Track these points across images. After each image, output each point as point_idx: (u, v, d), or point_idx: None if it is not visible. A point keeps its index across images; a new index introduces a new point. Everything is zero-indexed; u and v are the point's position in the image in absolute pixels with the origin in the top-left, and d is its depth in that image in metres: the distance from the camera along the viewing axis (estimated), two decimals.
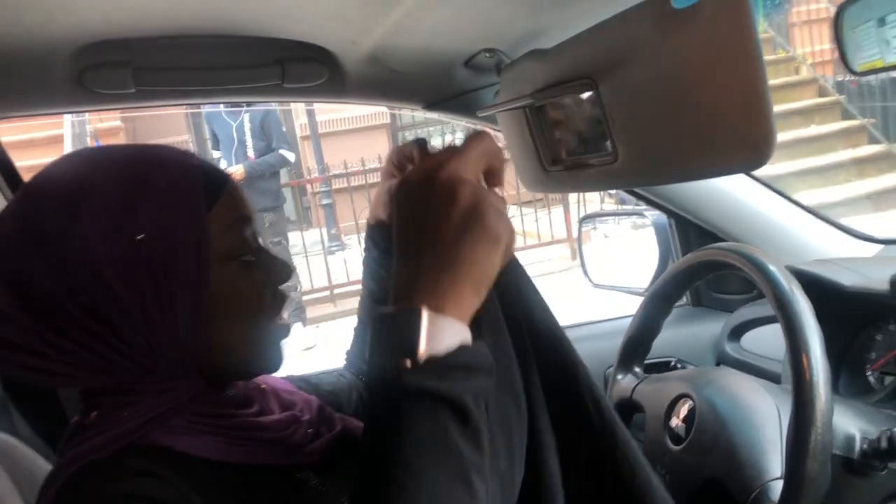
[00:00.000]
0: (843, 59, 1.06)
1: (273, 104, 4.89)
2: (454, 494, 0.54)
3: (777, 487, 0.88)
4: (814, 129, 7.79)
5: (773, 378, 1.24)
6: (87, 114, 6.99)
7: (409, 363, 0.55)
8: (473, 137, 0.64)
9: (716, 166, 0.83)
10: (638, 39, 0.83)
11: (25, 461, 0.97)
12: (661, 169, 0.90)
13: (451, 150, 0.62)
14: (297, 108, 9.13)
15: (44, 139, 6.70)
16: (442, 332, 0.57)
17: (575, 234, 6.96)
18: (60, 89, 1.04)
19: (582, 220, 1.81)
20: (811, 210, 1.52)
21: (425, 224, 0.59)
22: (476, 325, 0.60)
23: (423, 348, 0.56)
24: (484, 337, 0.65)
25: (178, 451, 0.67)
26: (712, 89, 0.75)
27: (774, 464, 0.91)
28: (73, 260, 0.64)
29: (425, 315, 0.56)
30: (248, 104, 4.78)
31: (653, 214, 1.61)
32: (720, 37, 0.72)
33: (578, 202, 7.26)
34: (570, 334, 1.66)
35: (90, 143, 7.19)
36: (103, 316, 0.65)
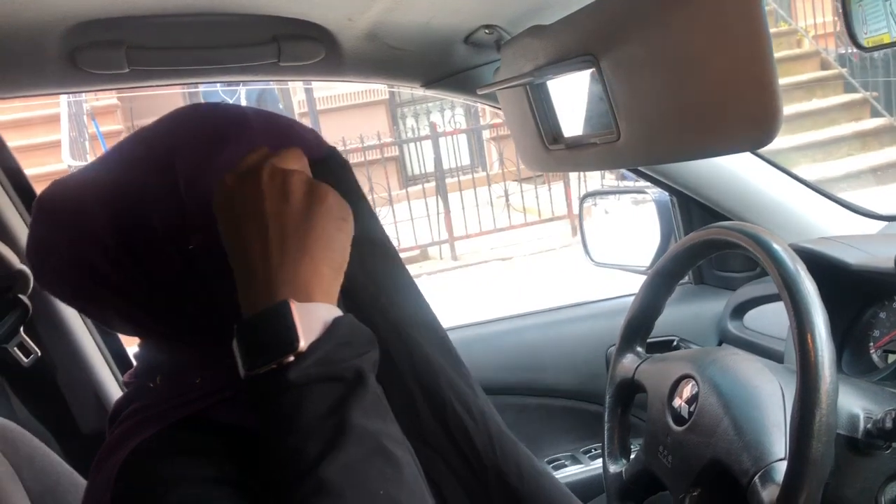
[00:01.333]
0: (850, 33, 1.04)
1: (270, 82, 4.87)
2: (377, 470, 0.54)
3: (781, 468, 0.87)
4: (816, 103, 7.75)
5: (776, 357, 1.23)
6: (83, 93, 6.95)
7: (291, 358, 0.55)
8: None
9: (720, 145, 0.81)
10: (641, 14, 0.81)
11: (25, 446, 0.96)
12: (664, 147, 0.89)
13: (263, 153, 0.62)
14: (295, 85, 9.07)
15: (40, 118, 6.67)
16: (316, 318, 0.56)
17: (576, 211, 6.95)
18: (53, 70, 1.02)
19: (583, 198, 1.79)
20: (814, 186, 1.51)
21: (265, 215, 0.58)
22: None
23: (302, 339, 0.55)
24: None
25: (232, 425, 0.65)
26: (718, 66, 0.73)
27: (778, 445, 0.90)
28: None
29: (294, 306, 0.56)
30: (245, 83, 4.76)
31: (655, 192, 1.60)
32: (726, 12, 0.70)
33: (579, 178, 7.24)
34: (570, 313, 1.68)
35: (87, 122, 7.15)
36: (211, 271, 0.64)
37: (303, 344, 0.55)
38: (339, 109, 9.11)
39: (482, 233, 7.21)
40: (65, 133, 6.49)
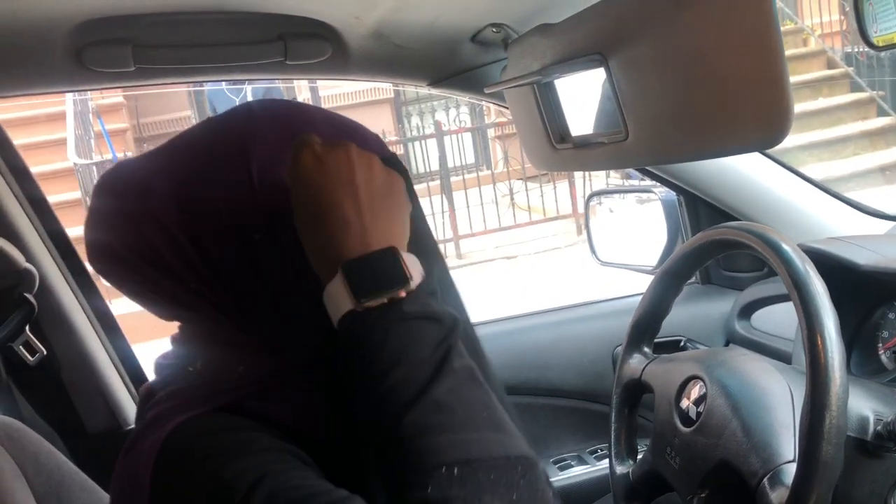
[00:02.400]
0: (861, 31, 1.03)
1: (276, 81, 4.87)
2: (478, 395, 0.58)
3: (790, 470, 0.87)
4: (822, 102, 7.72)
5: (784, 357, 1.23)
6: (88, 91, 6.96)
7: (403, 293, 0.58)
8: None
9: (730, 144, 0.81)
10: (651, 13, 0.81)
11: (30, 445, 0.96)
12: (673, 147, 0.88)
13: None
14: (300, 84, 9.08)
15: (45, 116, 6.67)
16: (415, 265, 0.61)
17: (581, 210, 6.94)
18: (59, 68, 1.02)
19: (589, 197, 1.79)
20: (822, 186, 1.50)
21: (356, 183, 0.62)
22: None
23: (415, 276, 0.59)
24: None
25: (269, 418, 0.64)
26: (728, 64, 0.73)
27: (787, 447, 0.90)
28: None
29: (400, 251, 0.60)
30: (251, 81, 4.77)
31: (662, 192, 1.59)
32: (737, 9, 0.70)
33: (584, 177, 7.23)
34: (577, 313, 1.68)
35: (92, 120, 7.16)
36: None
37: (415, 281, 0.59)
38: (344, 108, 9.11)
39: (487, 231, 7.20)
40: (70, 131, 6.49)
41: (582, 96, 1.01)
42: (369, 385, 0.57)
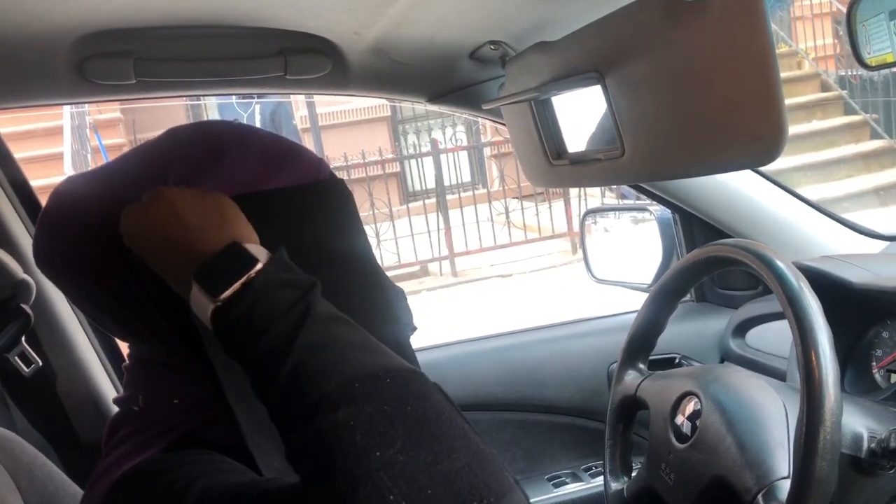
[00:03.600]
0: (855, 52, 1.04)
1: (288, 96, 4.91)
2: (349, 330, 0.59)
3: (784, 487, 0.87)
4: (816, 125, 7.77)
5: (779, 375, 1.23)
6: (86, 105, 6.98)
7: (253, 273, 0.59)
8: None
9: (725, 161, 0.82)
10: (647, 32, 0.82)
11: (24, 456, 0.96)
12: (668, 164, 0.89)
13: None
14: (298, 101, 9.11)
15: (42, 130, 6.68)
16: (259, 249, 0.62)
17: (576, 229, 6.96)
18: (60, 80, 1.03)
19: (585, 215, 1.80)
20: (816, 206, 1.51)
21: (174, 212, 0.63)
22: None
23: (260, 257, 0.60)
24: None
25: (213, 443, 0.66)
26: (723, 82, 0.74)
27: (781, 463, 0.90)
28: None
29: (241, 242, 0.61)
30: (259, 96, 4.81)
31: (657, 210, 1.60)
32: (732, 29, 0.71)
33: (579, 196, 7.26)
34: (572, 330, 1.68)
35: (89, 134, 7.17)
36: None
37: (262, 261, 0.59)
38: (341, 125, 9.15)
39: (482, 249, 7.21)
40: (67, 145, 6.51)
41: (578, 113, 1.02)
42: (251, 364, 0.58)
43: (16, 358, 1.14)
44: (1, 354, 1.15)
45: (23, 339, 1.15)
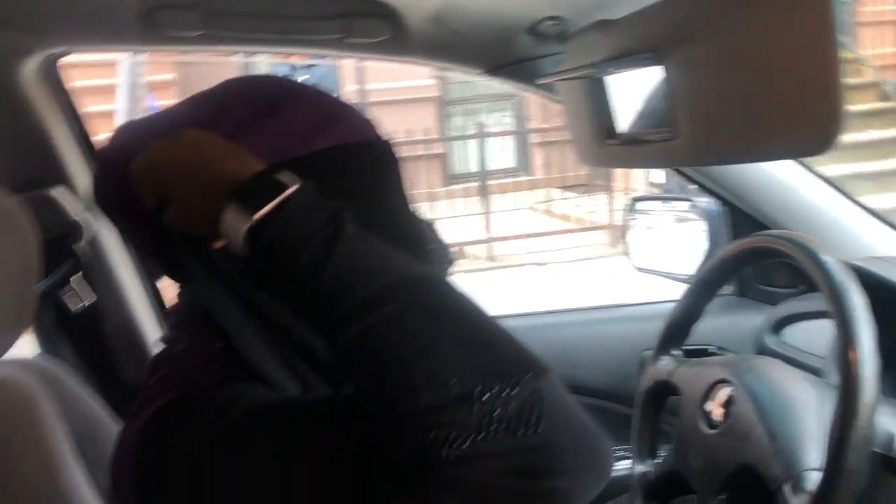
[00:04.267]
0: None
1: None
2: (375, 245, 0.60)
3: (812, 477, 0.87)
4: (872, 134, 7.60)
5: (815, 374, 1.22)
6: (142, 65, 7.10)
7: (292, 189, 0.60)
8: None
9: (781, 148, 0.81)
10: (710, 13, 0.81)
11: (71, 390, 0.99)
12: (723, 148, 0.89)
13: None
14: (347, 75, 9.15)
15: (98, 87, 6.79)
16: (286, 175, 0.62)
17: (617, 222, 6.91)
18: (129, 27, 1.06)
19: (630, 202, 1.79)
20: (868, 208, 1.49)
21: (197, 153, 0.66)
22: None
23: (291, 182, 0.61)
24: None
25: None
26: (784, 68, 0.73)
27: (812, 455, 0.90)
28: None
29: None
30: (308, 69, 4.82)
31: (704, 201, 1.58)
32: (797, 14, 0.70)
33: (623, 190, 7.20)
34: (607, 314, 1.68)
35: (143, 95, 7.29)
36: None
37: (295, 184, 0.61)
38: (388, 103, 9.15)
39: (521, 236, 7.20)
40: (121, 103, 6.62)
41: (633, 93, 1.02)
42: (289, 279, 0.59)
43: (66, 296, 1.18)
44: (53, 292, 1.19)
45: (72, 278, 1.18)
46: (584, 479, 0.55)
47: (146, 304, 1.37)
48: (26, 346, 1.13)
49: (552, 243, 7.19)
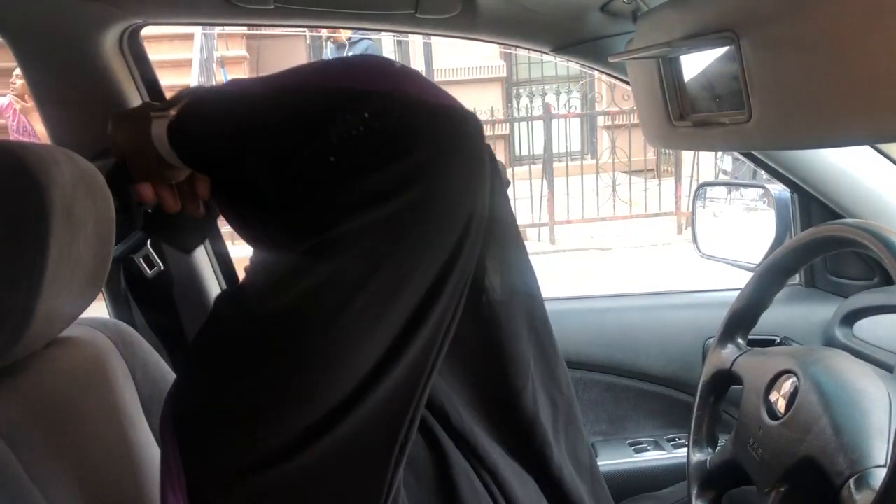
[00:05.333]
0: None
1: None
2: None
3: (878, 475, 0.85)
4: None
5: (886, 369, 1.18)
6: (215, 41, 7.23)
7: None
8: None
9: (860, 132, 0.78)
10: None
11: (140, 351, 1.02)
12: (798, 132, 0.86)
13: None
14: (414, 54, 9.16)
15: (172, 62, 6.95)
16: None
17: (683, 209, 6.78)
18: (206, 1, 1.08)
19: (699, 187, 1.75)
20: None
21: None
22: None
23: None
24: None
25: None
26: (866, 50, 0.71)
27: (879, 451, 0.88)
28: None
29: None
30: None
31: (774, 188, 1.54)
32: None
33: (692, 177, 7.05)
34: (670, 300, 1.66)
35: (216, 69, 7.43)
36: None
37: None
38: (455, 83, 9.14)
39: (584, 220, 7.12)
40: (194, 78, 6.76)
41: (705, 74, 1.00)
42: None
43: (140, 260, 1.21)
44: (127, 255, 1.23)
45: (148, 242, 1.22)
46: (440, 145, 0.58)
47: (214, 272, 1.40)
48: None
49: (617, 228, 7.09)
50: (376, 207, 0.55)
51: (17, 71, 4.96)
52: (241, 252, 0.94)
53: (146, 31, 1.27)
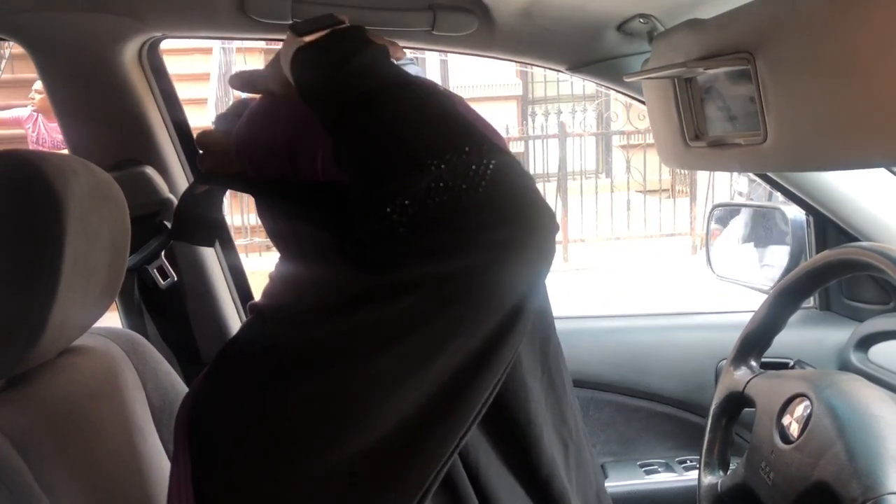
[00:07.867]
0: None
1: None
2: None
3: (893, 502, 0.84)
4: None
5: None
6: (233, 54, 7.29)
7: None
8: None
9: (878, 155, 0.78)
10: (807, 14, 0.79)
11: (152, 361, 1.03)
12: (815, 154, 0.85)
13: None
14: (430, 71, 9.20)
15: (191, 75, 7.01)
16: None
17: (698, 230, 6.76)
18: (222, 13, 1.09)
19: (713, 208, 1.75)
20: None
21: None
22: None
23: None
24: None
25: None
26: (886, 70, 0.70)
27: (894, 478, 0.86)
28: None
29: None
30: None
31: (789, 210, 1.54)
32: None
33: (706, 197, 7.03)
34: (683, 321, 1.65)
35: None
36: None
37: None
38: (470, 100, 9.10)
39: (598, 239, 7.11)
40: (212, 91, 6.81)
41: (721, 94, 1.00)
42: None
43: (154, 271, 1.22)
44: (141, 266, 1.24)
45: (162, 254, 1.23)
46: (524, 231, 0.55)
47: (227, 284, 1.41)
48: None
49: (631, 248, 7.08)
50: (447, 263, 0.54)
51: (36, 85, 5.04)
52: (253, 265, 0.94)
53: (165, 44, 1.29)
